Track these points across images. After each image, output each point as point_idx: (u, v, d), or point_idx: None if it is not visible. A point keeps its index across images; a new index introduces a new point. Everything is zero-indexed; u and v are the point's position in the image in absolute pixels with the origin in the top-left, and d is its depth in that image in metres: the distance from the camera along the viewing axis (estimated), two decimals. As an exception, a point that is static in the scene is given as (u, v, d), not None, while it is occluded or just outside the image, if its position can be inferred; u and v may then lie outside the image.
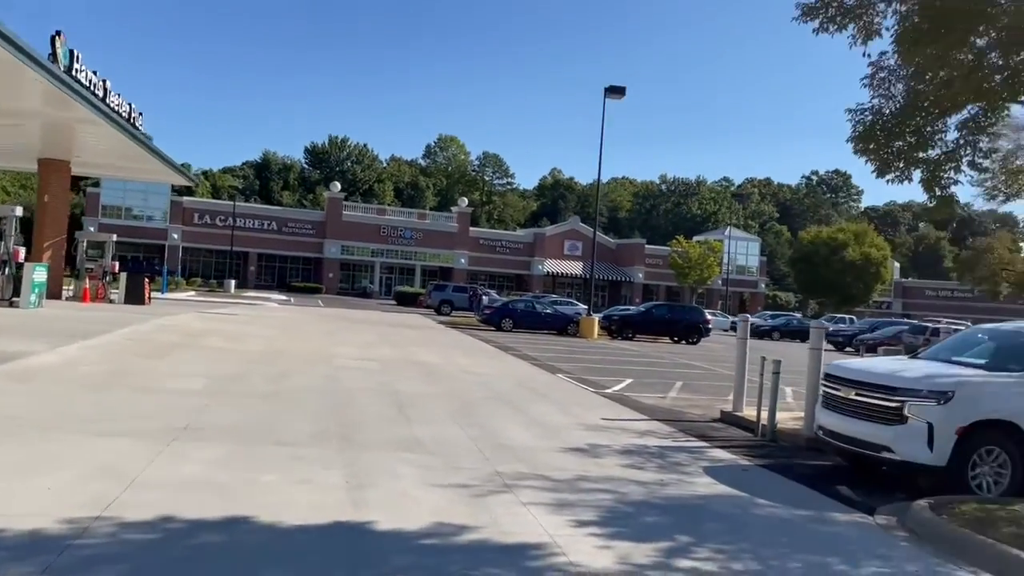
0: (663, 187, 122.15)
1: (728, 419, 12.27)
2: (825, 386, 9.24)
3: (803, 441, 10.41)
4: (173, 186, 60.75)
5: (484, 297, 42.96)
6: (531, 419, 10.86)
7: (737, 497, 7.43)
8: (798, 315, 60.83)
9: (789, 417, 11.76)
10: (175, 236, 65.14)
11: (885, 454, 8.11)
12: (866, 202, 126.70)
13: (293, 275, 69.57)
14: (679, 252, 67.91)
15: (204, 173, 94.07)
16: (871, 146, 7.23)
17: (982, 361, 8.98)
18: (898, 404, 8.03)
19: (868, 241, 62.72)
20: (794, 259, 68.66)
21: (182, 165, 34.47)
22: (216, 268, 65.92)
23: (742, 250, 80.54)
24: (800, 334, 42.37)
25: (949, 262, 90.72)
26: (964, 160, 7.13)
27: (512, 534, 5.63)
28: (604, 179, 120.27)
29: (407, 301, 54.60)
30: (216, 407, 9.59)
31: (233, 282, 55.95)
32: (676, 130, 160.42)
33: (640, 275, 76.69)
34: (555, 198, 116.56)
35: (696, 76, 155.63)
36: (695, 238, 75.44)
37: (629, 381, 16.80)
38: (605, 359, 22.99)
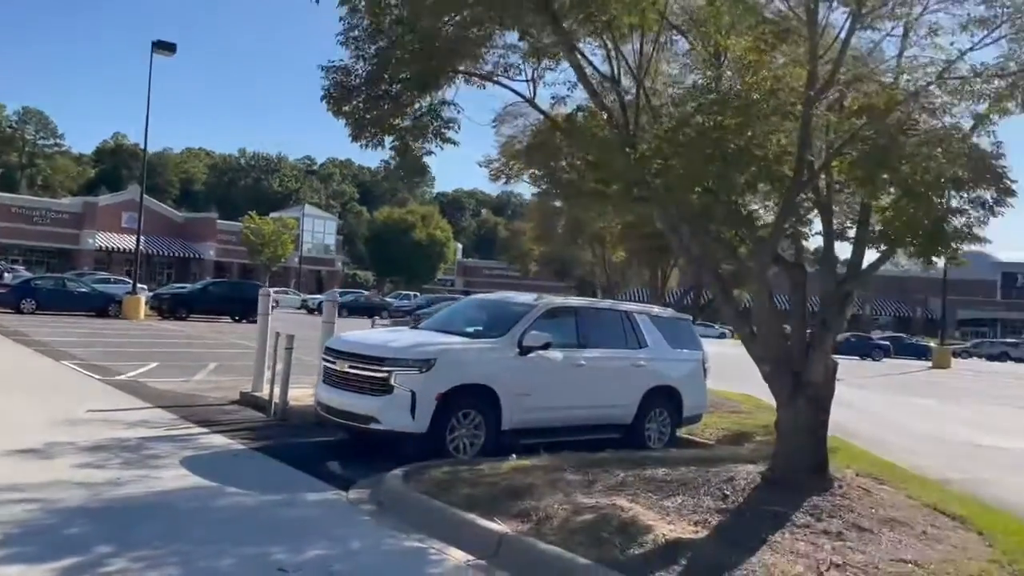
0: (243, 161, 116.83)
1: (246, 400, 11.49)
2: (324, 360, 8.98)
3: (313, 418, 10.08)
4: None
5: (6, 275, 36.14)
6: (-16, 418, 8.83)
7: (205, 488, 6.68)
8: (366, 292, 62.68)
9: (310, 394, 11.39)
10: None
11: (373, 425, 8.06)
12: (439, 188, 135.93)
13: None
14: (252, 228, 65.37)
15: None
16: (345, 108, 7.00)
17: (471, 329, 9.49)
18: (386, 374, 8.04)
19: (434, 223, 67.38)
20: (369, 238, 70.76)
21: None
22: None
23: (319, 228, 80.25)
24: (367, 310, 43.54)
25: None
26: (431, 131, 7.27)
27: None
28: (177, 148, 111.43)
29: (-103, 280, 43.59)
30: None
31: None
32: (256, 104, 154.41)
33: (212, 252, 71.90)
34: (117, 165, 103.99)
35: (271, 47, 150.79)
36: (271, 215, 73.24)
37: (154, 365, 15.07)
38: (139, 341, 20.64)
